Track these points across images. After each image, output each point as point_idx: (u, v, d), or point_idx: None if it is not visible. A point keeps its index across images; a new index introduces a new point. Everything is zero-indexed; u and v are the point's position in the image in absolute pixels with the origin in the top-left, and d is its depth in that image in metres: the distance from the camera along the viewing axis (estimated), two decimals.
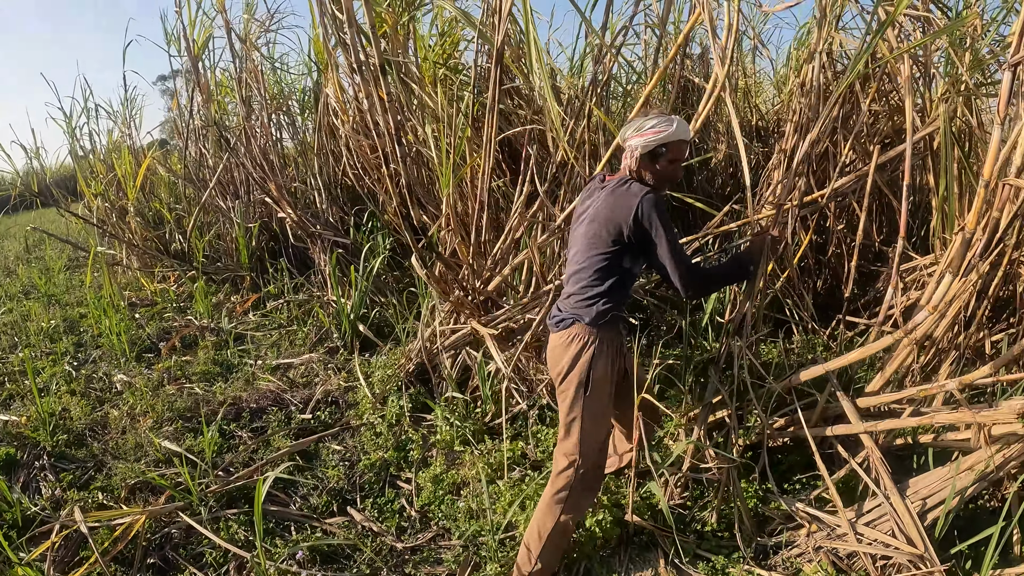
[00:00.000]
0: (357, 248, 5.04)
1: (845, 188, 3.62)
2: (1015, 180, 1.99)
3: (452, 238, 3.41)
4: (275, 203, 5.13)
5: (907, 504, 2.39)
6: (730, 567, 2.53)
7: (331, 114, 5.10)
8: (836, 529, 2.53)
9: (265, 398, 3.90)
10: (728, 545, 2.64)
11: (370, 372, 3.95)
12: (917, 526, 2.32)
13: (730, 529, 2.68)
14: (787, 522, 2.70)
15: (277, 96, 6.35)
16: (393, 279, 5.14)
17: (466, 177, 3.42)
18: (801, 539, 2.59)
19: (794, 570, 2.53)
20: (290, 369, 4.32)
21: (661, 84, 4.93)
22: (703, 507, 2.81)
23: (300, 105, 6.39)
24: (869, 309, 4.38)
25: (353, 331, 4.41)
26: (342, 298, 4.51)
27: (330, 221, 5.40)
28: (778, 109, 5.77)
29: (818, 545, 2.53)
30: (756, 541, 2.64)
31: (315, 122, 5.56)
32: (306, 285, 5.41)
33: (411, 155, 4.07)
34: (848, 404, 2.60)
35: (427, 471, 3.13)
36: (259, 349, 4.67)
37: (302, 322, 4.88)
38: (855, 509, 2.54)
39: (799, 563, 2.54)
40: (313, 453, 3.42)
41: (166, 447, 3.33)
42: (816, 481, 2.82)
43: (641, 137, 2.26)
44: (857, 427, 2.56)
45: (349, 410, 3.78)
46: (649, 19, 4.75)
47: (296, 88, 6.50)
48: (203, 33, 5.52)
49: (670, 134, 2.22)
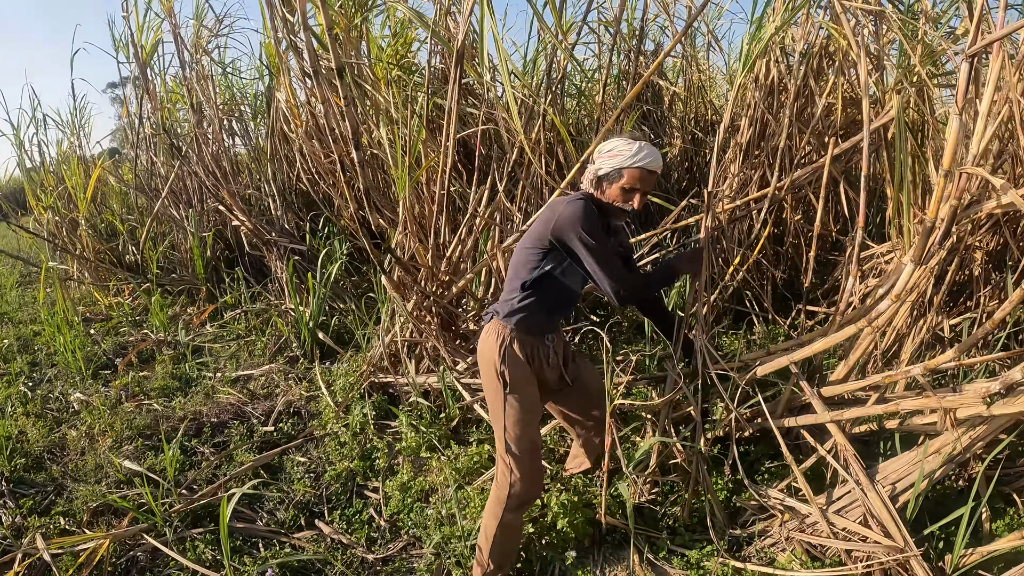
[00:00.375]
0: (314, 254, 4.88)
1: (802, 180, 3.61)
2: (972, 168, 1.96)
3: (411, 241, 3.30)
4: (229, 211, 4.94)
5: (878, 489, 2.36)
6: (704, 561, 2.47)
7: (283, 119, 4.93)
8: (808, 517, 2.50)
9: (226, 412, 3.74)
10: (701, 539, 2.59)
11: (332, 381, 3.81)
12: (889, 510, 2.30)
13: (702, 523, 2.63)
14: (759, 513, 2.66)
15: (228, 101, 6.14)
16: (351, 285, 4.99)
17: (422, 179, 3.31)
18: (774, 529, 2.55)
19: (768, 560, 2.48)
20: (250, 381, 4.15)
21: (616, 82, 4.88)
22: (674, 502, 2.75)
23: (252, 110, 6.19)
24: (828, 298, 4.40)
25: (313, 339, 4.26)
26: (300, 306, 4.35)
27: (285, 228, 5.23)
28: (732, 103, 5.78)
29: (790, 535, 2.49)
30: (729, 533, 2.59)
31: (268, 127, 5.38)
32: (263, 294, 5.22)
33: (366, 158, 3.95)
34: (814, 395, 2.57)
35: (394, 479, 3.01)
36: (218, 361, 4.48)
37: (260, 332, 4.71)
38: (826, 496, 2.51)
39: (773, 552, 2.51)
40: (277, 466, 3.27)
41: (127, 467, 3.15)
42: (785, 471, 2.79)
43: (599, 158, 2.19)
44: (823, 416, 2.53)
45: (312, 420, 3.63)
46: (603, 16, 4.70)
47: (248, 93, 6.31)
48: (151, 38, 5.30)
49: (625, 159, 2.11)
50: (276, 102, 4.88)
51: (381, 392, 3.60)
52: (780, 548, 2.50)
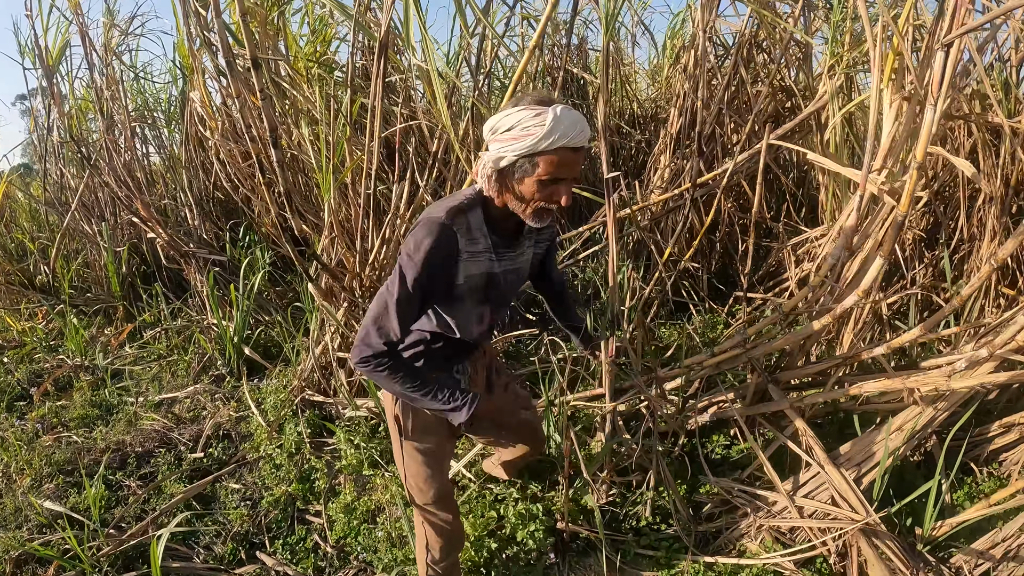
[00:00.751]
0: (235, 265, 4.44)
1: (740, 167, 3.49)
2: (938, 150, 1.85)
3: (338, 247, 2.97)
4: (143, 223, 4.45)
5: (843, 472, 2.22)
6: (674, 560, 2.28)
7: (199, 123, 4.49)
8: (775, 505, 2.34)
9: (151, 439, 3.31)
10: (668, 537, 2.39)
11: (261, 399, 3.42)
12: (856, 492, 2.17)
13: (666, 520, 2.43)
14: (723, 505, 2.48)
15: (141, 107, 5.60)
16: (276, 295, 4.58)
17: (347, 180, 2.99)
18: (741, 520, 2.38)
19: (739, 551, 2.31)
20: (175, 404, 3.71)
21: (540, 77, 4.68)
22: (635, 502, 2.54)
23: (166, 116, 5.66)
24: (763, 283, 4.32)
25: (238, 355, 3.84)
26: (223, 320, 3.93)
27: (204, 238, 4.76)
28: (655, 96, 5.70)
29: (758, 524, 2.32)
30: (695, 528, 2.40)
31: (183, 132, 4.90)
32: (184, 310, 4.72)
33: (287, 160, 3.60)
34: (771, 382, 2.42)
35: (337, 501, 2.68)
36: (139, 385, 4.01)
37: (183, 351, 4.24)
38: (792, 482, 2.36)
39: (742, 544, 2.33)
40: (211, 495, 2.89)
41: (48, 508, 2.72)
42: (747, 460, 2.63)
43: (496, 142, 1.44)
44: (783, 403, 2.38)
45: (244, 443, 3.24)
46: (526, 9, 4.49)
47: (162, 98, 5.77)
48: (59, 40, 4.73)
49: (538, 139, 1.36)
50: (190, 103, 4.44)
51: (314, 408, 3.25)
52: (749, 538, 2.33)
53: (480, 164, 1.50)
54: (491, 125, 1.45)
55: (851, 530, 2.06)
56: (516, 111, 1.40)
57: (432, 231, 1.47)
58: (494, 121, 1.44)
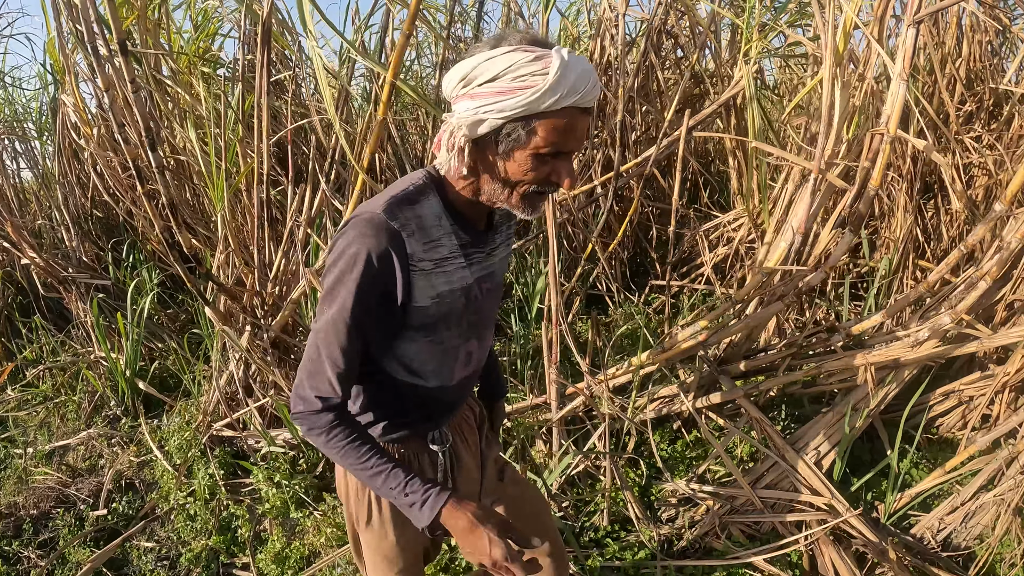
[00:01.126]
0: (121, 289, 3.82)
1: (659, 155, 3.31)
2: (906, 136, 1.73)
3: (234, 262, 2.51)
4: (15, 247, 3.75)
5: (803, 458, 2.07)
6: (642, 568, 2.05)
7: (72, 131, 3.85)
8: (736, 499, 2.16)
9: (46, 499, 2.75)
10: (631, 543, 2.15)
11: (164, 439, 2.89)
12: (818, 476, 2.03)
13: (625, 527, 2.20)
14: (683, 504, 2.28)
15: (10, 118, 4.80)
16: (168, 318, 4.01)
17: (241, 187, 2.54)
18: (703, 517, 2.19)
19: (705, 550, 2.11)
20: (68, 453, 3.11)
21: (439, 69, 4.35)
22: (590, 512, 2.29)
23: (37, 127, 4.87)
24: (677, 270, 4.20)
25: (133, 391, 3.27)
26: (112, 352, 3.34)
27: (84, 260, 4.09)
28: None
29: (722, 520, 2.13)
30: (658, 532, 2.18)
31: (55, 144, 4.20)
32: (68, 343, 4.03)
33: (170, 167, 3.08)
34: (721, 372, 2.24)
35: (266, 550, 2.27)
36: (26, 433, 3.36)
37: (71, 390, 3.58)
38: (751, 474, 2.19)
39: (708, 541, 2.14)
40: (122, 559, 2.40)
41: None
42: (699, 456, 2.44)
43: (471, 96, 0.92)
44: (736, 392, 2.20)
45: (150, 492, 2.72)
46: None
47: (32, 107, 4.97)
48: None
49: (542, 93, 0.87)
50: (63, 109, 3.79)
51: (224, 444, 2.78)
52: (714, 535, 2.14)
53: (444, 131, 0.97)
54: (463, 73, 0.92)
55: (821, 531, 1.91)
56: (503, 53, 0.89)
57: (363, 234, 0.95)
58: (467, 67, 0.91)
